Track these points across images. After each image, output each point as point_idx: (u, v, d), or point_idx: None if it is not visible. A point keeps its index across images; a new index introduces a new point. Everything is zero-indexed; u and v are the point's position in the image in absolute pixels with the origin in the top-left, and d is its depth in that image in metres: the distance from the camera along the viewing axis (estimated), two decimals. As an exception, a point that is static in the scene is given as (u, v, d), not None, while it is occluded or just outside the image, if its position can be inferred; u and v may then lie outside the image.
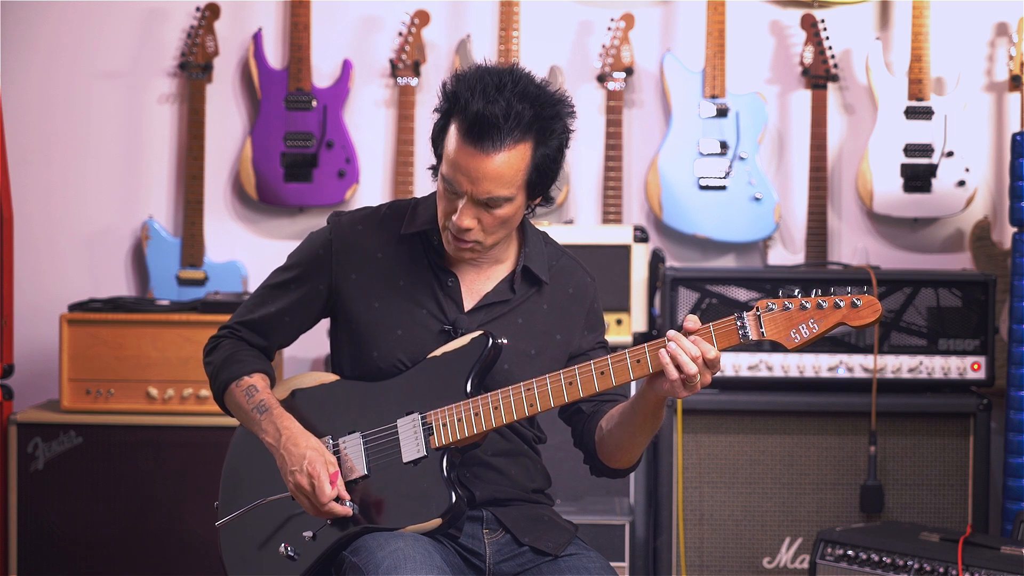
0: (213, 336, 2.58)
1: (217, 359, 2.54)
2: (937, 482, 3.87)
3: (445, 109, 2.36)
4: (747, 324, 2.27)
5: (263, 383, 2.50)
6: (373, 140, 4.54)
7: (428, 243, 2.49)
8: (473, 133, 2.29)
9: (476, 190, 2.32)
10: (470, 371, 2.39)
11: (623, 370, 2.32)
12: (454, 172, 2.33)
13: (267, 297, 2.54)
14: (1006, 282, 4.17)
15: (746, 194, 4.38)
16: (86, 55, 4.56)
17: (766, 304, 2.28)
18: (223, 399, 2.53)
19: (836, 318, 2.26)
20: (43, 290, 4.50)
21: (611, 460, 2.49)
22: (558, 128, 2.35)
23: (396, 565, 2.25)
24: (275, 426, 2.43)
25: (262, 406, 2.46)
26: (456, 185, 2.33)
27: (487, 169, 2.31)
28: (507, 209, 2.37)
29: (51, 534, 3.89)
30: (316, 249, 2.51)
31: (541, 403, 2.35)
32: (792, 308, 2.27)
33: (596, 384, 2.33)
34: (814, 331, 2.26)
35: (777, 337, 2.27)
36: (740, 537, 3.88)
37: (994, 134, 4.48)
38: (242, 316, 2.56)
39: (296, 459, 2.38)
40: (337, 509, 2.37)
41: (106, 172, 4.58)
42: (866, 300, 2.26)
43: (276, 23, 4.56)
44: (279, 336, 2.56)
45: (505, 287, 2.49)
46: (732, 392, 3.88)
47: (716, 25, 4.38)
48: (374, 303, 2.47)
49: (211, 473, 3.79)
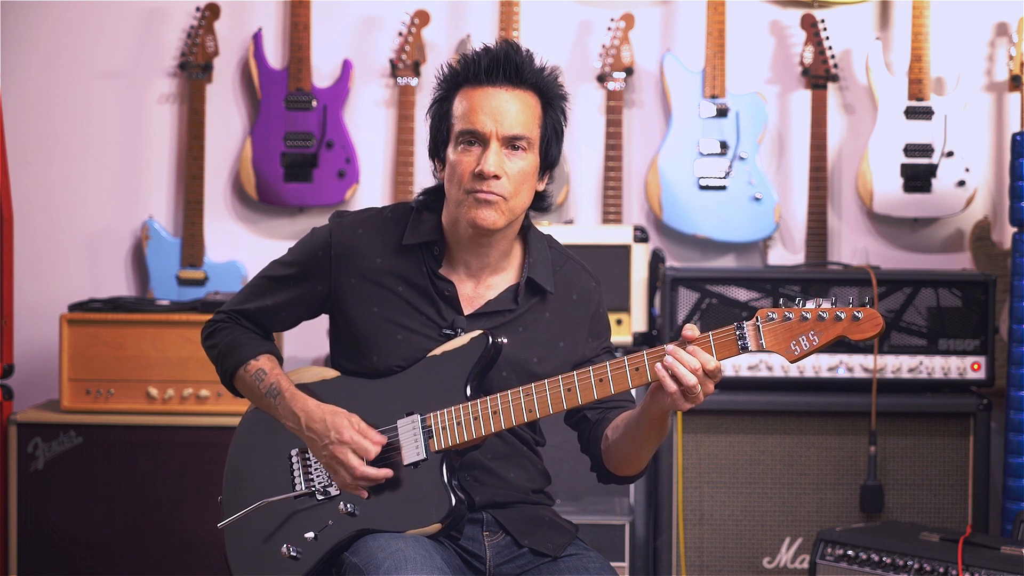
0: (210, 320, 2.59)
1: (220, 343, 2.54)
2: (937, 482, 3.86)
3: (449, 82, 2.43)
4: (747, 335, 2.25)
5: (270, 364, 2.51)
6: (373, 140, 4.54)
7: (428, 252, 2.49)
8: (492, 72, 2.39)
9: (501, 127, 2.38)
10: (470, 372, 2.39)
11: (621, 378, 2.31)
12: (475, 116, 2.38)
13: (264, 289, 2.55)
14: (1006, 282, 4.17)
15: (746, 194, 4.38)
16: (86, 55, 4.56)
17: (766, 314, 2.25)
18: (232, 383, 2.55)
19: (837, 331, 2.23)
20: (43, 290, 4.50)
21: (618, 469, 2.49)
22: (559, 98, 2.46)
23: (397, 566, 2.25)
24: (291, 411, 2.44)
25: (273, 390, 2.47)
26: (480, 128, 2.38)
27: (509, 103, 2.39)
28: (526, 161, 2.40)
29: (51, 534, 3.89)
30: (316, 250, 2.51)
31: (540, 409, 2.34)
32: (792, 319, 2.24)
33: (595, 391, 2.32)
34: (814, 343, 2.23)
35: (777, 349, 2.25)
36: (740, 537, 3.88)
37: (994, 134, 4.48)
38: (239, 304, 2.57)
39: (322, 433, 2.40)
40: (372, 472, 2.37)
41: (106, 172, 4.57)
42: (867, 313, 2.22)
43: (276, 23, 4.56)
44: (275, 327, 2.58)
45: (508, 297, 2.48)
46: (732, 392, 3.88)
47: (716, 25, 4.38)
48: (373, 308, 2.47)
49: (211, 473, 3.80)
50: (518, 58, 2.41)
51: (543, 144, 2.43)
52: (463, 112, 2.40)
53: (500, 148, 2.38)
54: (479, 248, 2.46)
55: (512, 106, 2.39)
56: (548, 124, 2.44)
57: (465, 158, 2.39)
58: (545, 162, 2.45)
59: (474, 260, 2.48)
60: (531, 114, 2.41)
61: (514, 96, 2.40)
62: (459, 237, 2.46)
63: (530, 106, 2.41)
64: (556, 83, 2.46)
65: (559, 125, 2.46)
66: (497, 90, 2.39)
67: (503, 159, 2.38)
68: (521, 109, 2.40)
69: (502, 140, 2.38)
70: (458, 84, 2.43)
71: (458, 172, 2.40)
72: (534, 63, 2.43)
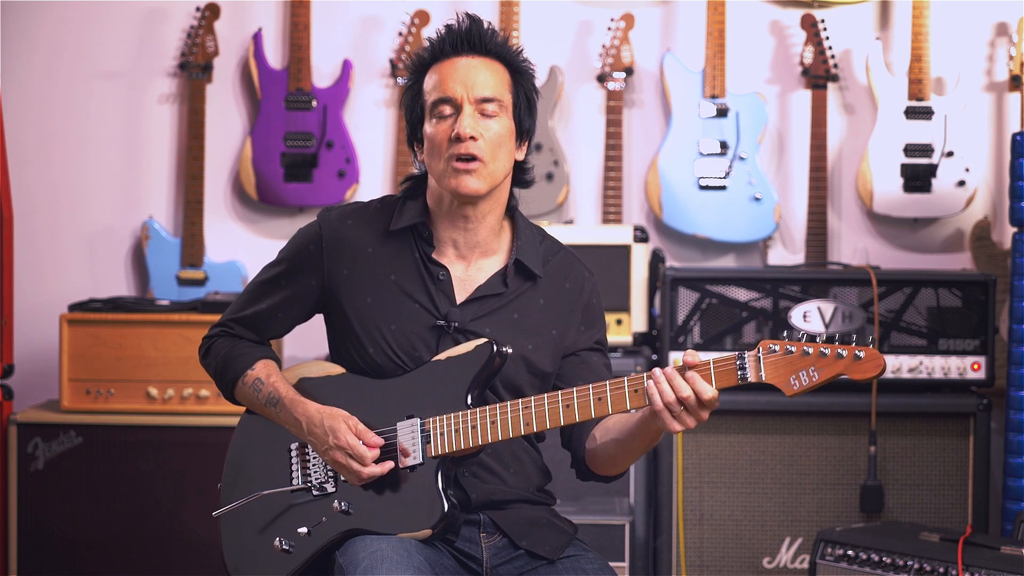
0: (205, 336, 2.59)
1: (215, 360, 2.55)
2: (937, 482, 3.86)
3: (418, 66, 2.49)
4: (747, 365, 2.25)
5: (267, 371, 2.52)
6: (373, 140, 4.54)
7: (419, 236, 2.49)
8: (457, 44, 2.45)
9: (472, 91, 2.42)
10: (471, 381, 2.39)
11: (620, 399, 2.30)
12: (446, 85, 2.43)
13: (259, 293, 2.55)
14: (1006, 282, 4.17)
15: (746, 194, 4.38)
16: (86, 55, 4.56)
17: (768, 346, 2.23)
18: (235, 398, 2.56)
19: (837, 369, 2.21)
20: (43, 290, 4.50)
21: (600, 469, 2.50)
22: (527, 70, 2.49)
23: (373, 565, 2.26)
24: (292, 416, 2.45)
25: (272, 398, 2.48)
26: (451, 95, 2.42)
27: (477, 69, 2.43)
28: (501, 124, 2.43)
29: (51, 534, 3.89)
30: (307, 244, 2.51)
31: (538, 423, 2.34)
32: (794, 353, 2.22)
33: (593, 410, 2.32)
34: (814, 379, 2.21)
35: (776, 382, 2.23)
36: (740, 537, 3.88)
37: (994, 134, 4.47)
38: (234, 313, 2.57)
39: (322, 438, 2.41)
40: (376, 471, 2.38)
41: (106, 172, 4.58)
42: (869, 354, 2.19)
43: (276, 23, 4.56)
44: (272, 331, 2.58)
45: (498, 280, 2.49)
46: (732, 392, 3.84)
47: (716, 25, 4.38)
48: (366, 298, 2.47)
49: (211, 473, 3.79)
50: (481, 29, 2.45)
51: (516, 111, 2.47)
52: (434, 85, 2.45)
53: (474, 111, 2.42)
54: (466, 224, 2.47)
55: (481, 72, 2.43)
56: (519, 92, 2.47)
57: (441, 127, 2.43)
58: (520, 129, 2.48)
59: (461, 238, 2.48)
60: (500, 79, 2.45)
61: (482, 63, 2.44)
62: (445, 215, 2.48)
63: (499, 72, 2.45)
64: (521, 56, 2.50)
65: (531, 95, 2.49)
66: (465, 59, 2.44)
67: (478, 122, 2.42)
68: (490, 74, 2.44)
69: (474, 103, 2.42)
70: (426, 65, 2.48)
71: (436, 142, 2.43)
72: (496, 35, 2.47)
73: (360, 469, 2.38)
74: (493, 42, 2.46)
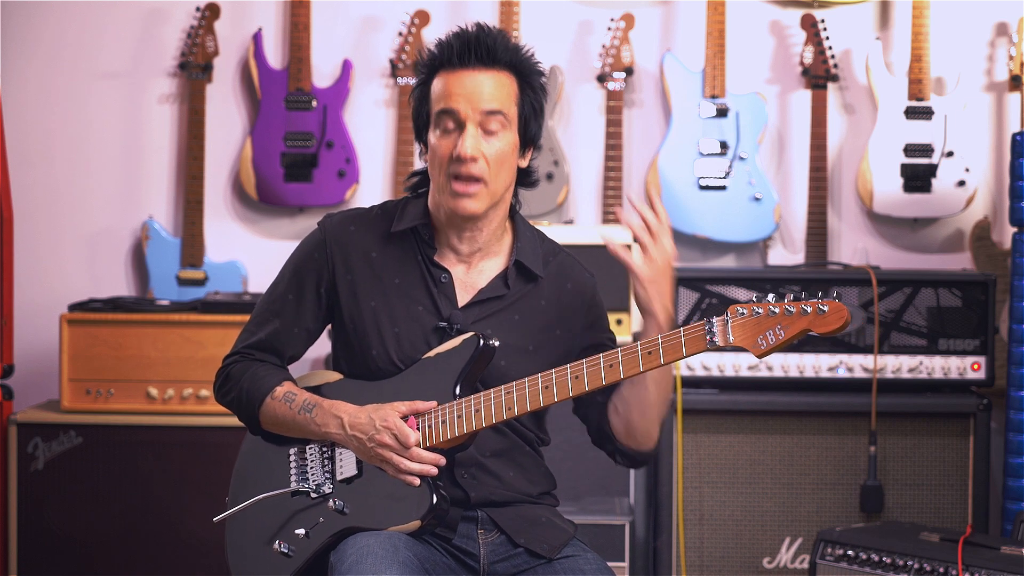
0: (221, 369, 2.54)
1: (237, 388, 2.50)
2: (937, 482, 3.86)
3: (428, 65, 2.45)
4: (715, 329, 2.25)
5: (296, 387, 2.49)
6: (373, 140, 4.54)
7: (420, 239, 2.50)
8: (464, 56, 2.41)
9: (474, 108, 2.40)
10: (459, 373, 2.39)
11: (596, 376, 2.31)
12: (450, 98, 2.41)
13: (270, 314, 2.52)
14: (1006, 282, 4.17)
15: (746, 194, 4.38)
16: (86, 55, 4.56)
17: (736, 309, 2.25)
18: (259, 420, 2.49)
19: (802, 325, 2.21)
20: (43, 290, 4.50)
21: (629, 438, 2.46)
22: (535, 74, 2.47)
23: (357, 562, 2.26)
24: (332, 415, 2.41)
25: (307, 405, 2.44)
26: (454, 109, 2.40)
27: (482, 83, 2.41)
28: (505, 141, 2.42)
29: (51, 534, 3.89)
30: (312, 252, 2.51)
31: (519, 406, 2.35)
32: (762, 313, 2.23)
33: (570, 388, 2.32)
34: (780, 337, 2.21)
35: (744, 343, 2.23)
36: (740, 537, 3.88)
37: (994, 134, 4.48)
38: (247, 340, 2.53)
39: (366, 430, 2.37)
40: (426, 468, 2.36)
41: (106, 172, 4.58)
42: (832, 307, 2.19)
43: (276, 23, 4.56)
44: (290, 349, 2.54)
45: (499, 282, 2.49)
46: (732, 392, 3.88)
47: (716, 25, 4.38)
48: (371, 302, 2.48)
49: (211, 473, 3.80)
50: (489, 40, 2.42)
51: (521, 122, 2.46)
52: (439, 94, 2.43)
53: (477, 131, 2.40)
54: (467, 229, 2.47)
55: (486, 87, 2.41)
56: (525, 102, 2.46)
57: (444, 142, 2.42)
58: (525, 138, 2.47)
59: (463, 241, 2.49)
60: (506, 92, 2.43)
61: (488, 76, 2.42)
62: (446, 219, 2.48)
63: (505, 85, 2.43)
64: (530, 60, 2.47)
65: (537, 102, 2.48)
66: (471, 72, 2.42)
67: (480, 141, 2.40)
68: (496, 87, 2.42)
69: (478, 121, 2.40)
70: (435, 68, 2.45)
71: (438, 156, 2.43)
72: (507, 42, 2.44)
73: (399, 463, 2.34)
74: (502, 51, 2.43)
